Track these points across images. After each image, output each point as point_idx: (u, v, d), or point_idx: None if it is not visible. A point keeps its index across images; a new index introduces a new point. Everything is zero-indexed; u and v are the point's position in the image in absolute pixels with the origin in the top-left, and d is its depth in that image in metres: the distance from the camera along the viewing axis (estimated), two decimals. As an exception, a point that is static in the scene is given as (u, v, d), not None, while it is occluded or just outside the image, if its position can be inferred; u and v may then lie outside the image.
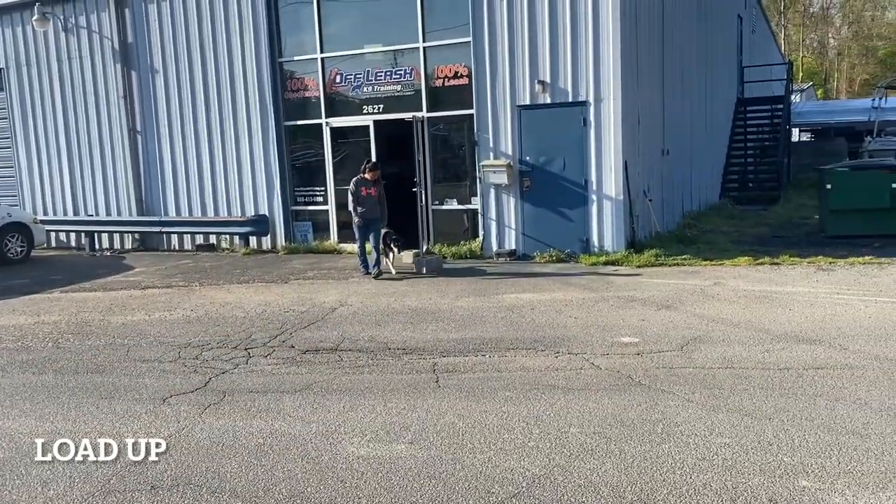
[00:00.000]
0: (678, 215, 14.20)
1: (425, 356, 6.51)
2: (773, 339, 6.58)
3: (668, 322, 7.33)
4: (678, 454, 4.26)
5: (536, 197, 11.40)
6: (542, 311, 8.05)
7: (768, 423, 4.64)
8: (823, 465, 4.04)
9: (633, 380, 5.64)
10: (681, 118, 14.50)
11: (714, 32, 17.54)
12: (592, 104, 10.85)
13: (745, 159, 19.86)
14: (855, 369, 5.66)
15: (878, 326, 6.83)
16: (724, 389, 5.31)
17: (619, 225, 10.98)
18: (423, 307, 8.49)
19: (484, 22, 11.29)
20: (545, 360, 6.27)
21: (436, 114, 12.07)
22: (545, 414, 4.98)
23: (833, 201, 11.82)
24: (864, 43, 60.93)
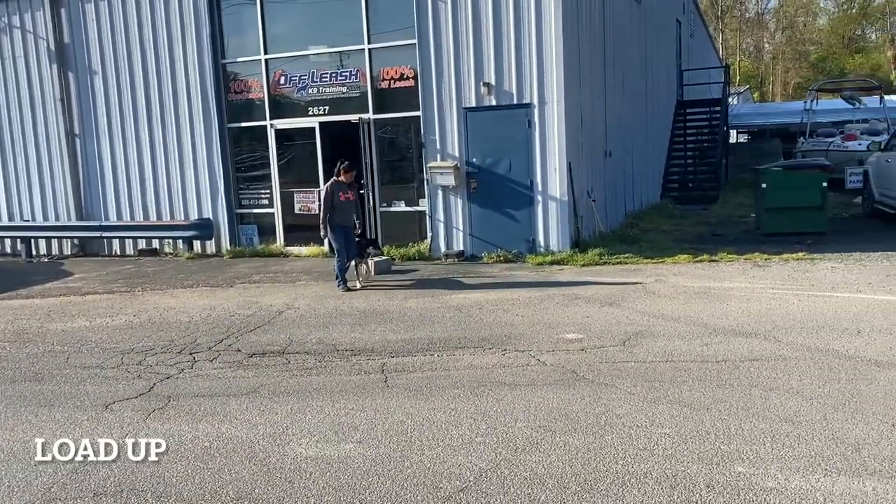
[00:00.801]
0: (621, 215, 14.51)
1: (374, 357, 6.52)
2: (711, 332, 6.80)
3: (611, 318, 7.50)
4: (620, 445, 4.38)
5: (483, 198, 11.51)
6: (490, 310, 8.15)
7: (706, 414, 4.81)
8: (758, 451, 4.21)
9: (577, 374, 5.77)
10: (623, 120, 14.81)
11: (654, 37, 17.98)
12: (537, 106, 11.02)
13: (686, 160, 20.40)
14: (788, 360, 5.89)
15: (810, 319, 7.12)
16: (665, 382, 5.47)
17: (563, 225, 11.17)
18: (371, 309, 8.49)
19: (429, 24, 11.36)
20: (493, 358, 6.35)
21: (382, 115, 12.08)
22: (492, 410, 5.06)
23: (768, 200, 12.24)
24: (797, 47, 63.19)
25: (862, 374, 5.47)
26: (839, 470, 3.94)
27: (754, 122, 29.10)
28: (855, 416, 4.66)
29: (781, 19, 65.28)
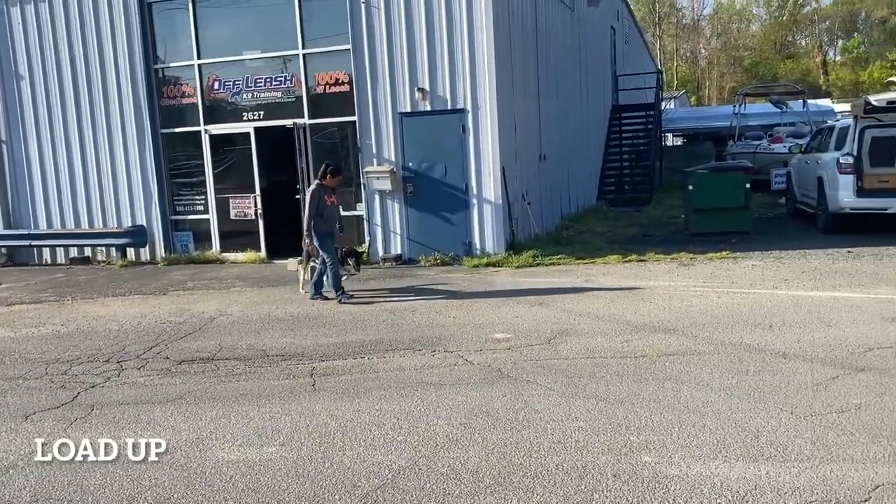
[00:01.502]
0: (556, 217, 14.80)
1: (304, 361, 6.56)
2: (632, 329, 7.05)
3: (539, 318, 7.70)
4: (536, 439, 4.54)
5: (420, 202, 11.63)
6: (423, 312, 8.26)
7: (620, 407, 5.01)
8: (664, 441, 4.42)
9: (502, 373, 5.92)
10: (557, 125, 15.13)
11: (589, 43, 18.39)
12: (470, 111, 11.20)
13: (621, 163, 20.89)
14: (702, 354, 6.16)
15: (727, 315, 7.44)
16: (584, 378, 5.67)
17: (498, 228, 11.36)
18: (305, 314, 8.52)
19: (363, 30, 11.44)
20: (422, 359, 6.46)
21: (318, 120, 12.11)
22: (416, 409, 5.17)
23: (695, 201, 12.67)
24: (732, 53, 65.25)
25: (769, 365, 5.77)
26: (738, 456, 4.17)
27: (689, 126, 29.96)
28: (758, 405, 4.92)
29: (716, 25, 67.35)
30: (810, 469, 3.95)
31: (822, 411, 4.74)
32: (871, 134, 11.36)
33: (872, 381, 5.26)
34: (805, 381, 5.34)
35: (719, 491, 3.77)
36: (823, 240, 11.63)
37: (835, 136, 12.42)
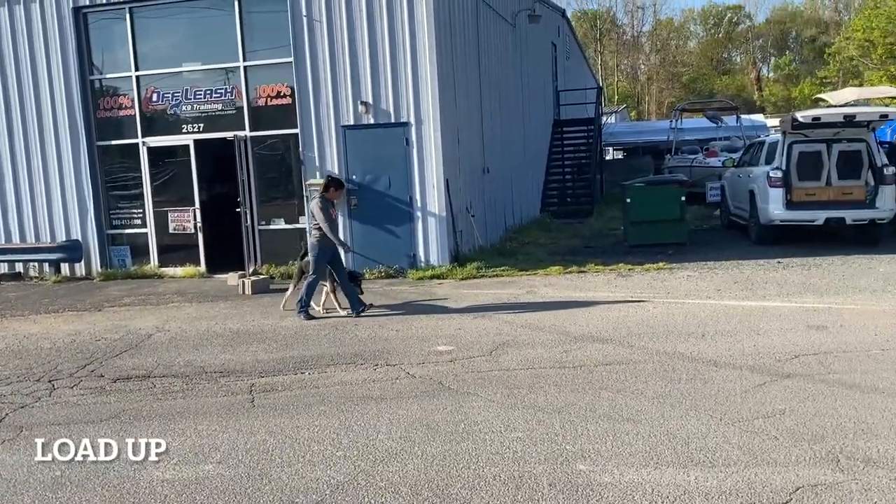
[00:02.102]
0: (500, 229, 14.96)
1: (243, 378, 6.49)
2: (571, 340, 7.18)
3: (482, 329, 7.77)
4: (475, 450, 4.59)
5: (364, 215, 11.62)
6: (366, 326, 8.25)
7: (557, 417, 5.10)
8: (599, 449, 4.52)
9: (443, 385, 5.96)
10: (500, 138, 15.32)
11: (530, 59, 18.70)
12: (414, 125, 11.27)
13: (564, 176, 21.25)
14: (637, 364, 6.32)
15: (662, 324, 7.64)
16: (523, 388, 5.75)
17: (443, 240, 11.43)
18: (245, 329, 8.41)
19: (305, 43, 11.42)
20: (363, 373, 6.46)
21: (259, 133, 12.01)
22: (356, 424, 5.17)
23: (633, 214, 12.98)
24: (670, 69, 67.11)
25: (701, 374, 5.95)
26: (669, 462, 4.29)
27: (628, 140, 30.65)
28: (689, 412, 5.07)
29: (655, 42, 69.22)
30: (737, 473, 4.09)
31: (749, 417, 4.92)
32: (798, 149, 11.84)
33: (797, 388, 5.48)
34: (734, 388, 5.53)
35: (650, 497, 3.88)
36: (755, 250, 12.05)
37: (765, 151, 12.91)
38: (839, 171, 11.73)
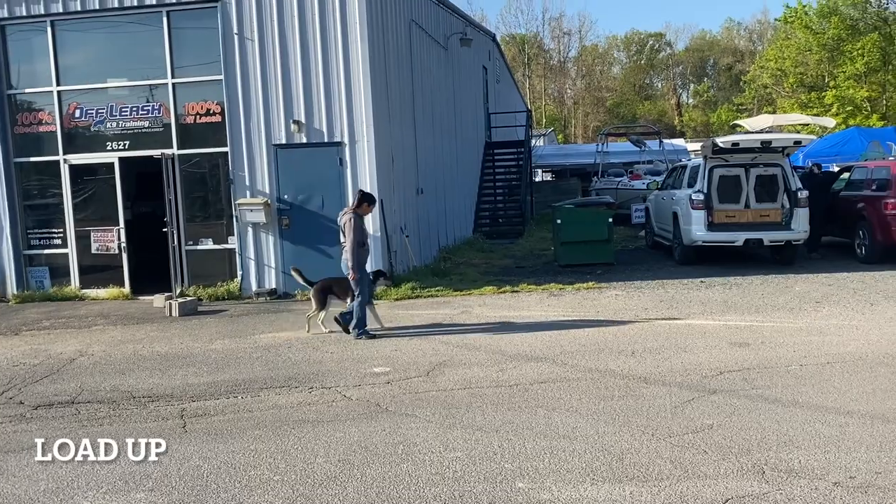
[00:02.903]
0: (434, 250, 15.02)
1: (173, 402, 6.30)
2: (507, 359, 7.27)
3: (418, 350, 7.78)
4: (415, 471, 4.58)
5: (296, 235, 11.49)
6: (299, 348, 8.14)
7: (496, 435, 5.15)
8: (537, 467, 4.59)
9: (381, 407, 5.94)
10: (434, 159, 15.44)
11: (462, 81, 18.96)
12: (347, 144, 11.25)
13: (496, 197, 21.54)
14: (571, 381, 6.44)
15: (594, 343, 7.82)
16: (461, 408, 5.78)
17: (377, 261, 11.35)
18: (173, 352, 8.18)
19: (235, 60, 11.29)
20: (298, 396, 6.37)
21: (188, 151, 11.75)
22: (293, 448, 5.09)
23: (563, 235, 13.27)
24: (595, 94, 69.11)
25: (632, 390, 6.12)
26: (604, 478, 4.39)
27: (557, 163, 31.37)
28: (622, 428, 5.20)
29: (581, 67, 71.20)
30: (669, 487, 4.22)
31: (679, 432, 5.08)
32: (718, 173, 12.37)
33: (723, 403, 5.69)
34: (664, 404, 5.70)
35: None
36: (679, 271, 12.49)
37: (687, 174, 13.42)
38: (757, 194, 12.31)
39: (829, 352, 7.04)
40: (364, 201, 8.71)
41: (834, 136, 24.84)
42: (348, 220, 8.45)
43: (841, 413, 5.35)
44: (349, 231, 8.35)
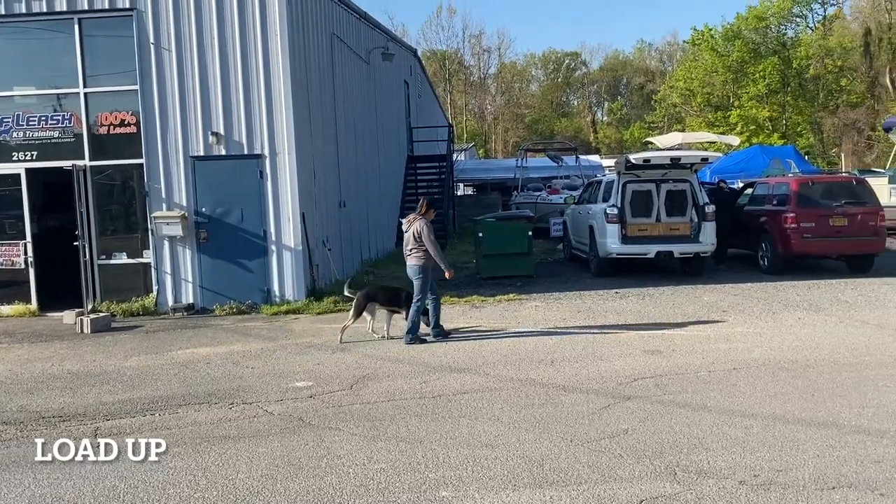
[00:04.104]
0: (357, 263, 14.99)
1: (86, 422, 6.08)
2: (430, 371, 7.34)
3: (341, 364, 7.76)
4: (339, 484, 4.59)
5: (215, 248, 11.27)
6: (219, 364, 7.99)
7: (419, 446, 5.21)
8: (461, 476, 4.67)
9: (304, 421, 5.90)
10: (357, 172, 15.44)
11: (384, 96, 19.03)
12: (268, 157, 11.13)
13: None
14: (493, 391, 6.57)
15: (515, 353, 7.99)
16: (385, 420, 5.82)
17: (299, 274, 11.30)
18: (85, 370, 7.88)
19: (152, 71, 11.03)
20: (219, 413, 6.25)
21: (101, 162, 11.38)
22: (214, 464, 5.00)
23: (484, 248, 13.48)
24: (515, 110, 70.46)
25: (552, 398, 6.29)
26: (526, 484, 4.51)
27: (478, 177, 31.79)
28: (542, 435, 5.35)
29: (501, 84, 72.49)
30: (587, 490, 4.38)
31: (596, 437, 5.27)
32: (631, 188, 12.84)
33: (637, 408, 5.93)
34: (582, 410, 5.89)
35: (510, 518, 4.06)
36: (595, 282, 12.88)
37: (602, 189, 13.88)
38: (667, 208, 12.84)
39: (735, 358, 7.43)
40: (431, 207, 9.07)
41: (739, 153, 26.19)
42: (422, 226, 8.64)
43: (746, 416, 5.66)
44: (428, 235, 8.56)
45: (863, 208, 12.75)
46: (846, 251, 13.02)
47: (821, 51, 47.12)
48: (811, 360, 7.27)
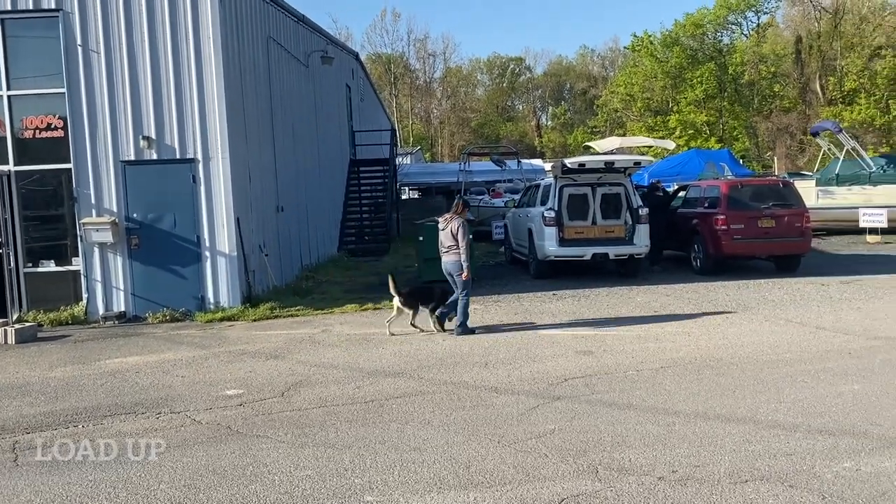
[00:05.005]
0: (297, 268, 14.85)
1: (5, 435, 5.88)
2: (365, 376, 7.32)
3: (273, 371, 7.67)
4: (263, 492, 4.53)
5: (147, 255, 11.03)
6: (148, 373, 7.82)
7: (347, 452, 5.18)
8: (387, 480, 4.67)
9: (231, 430, 5.82)
10: (296, 176, 15.29)
11: (324, 99, 18.90)
12: (201, 161, 10.96)
13: (361, 214, 21.56)
14: (426, 395, 6.58)
15: (450, 356, 8.02)
16: (315, 427, 5.77)
17: (234, 281, 11.14)
18: (7, 382, 7.62)
19: (80, 73, 10.76)
20: (145, 423, 6.12)
21: (27, 167, 11.05)
22: (135, 475, 4.89)
23: (425, 251, 13.48)
24: (460, 114, 70.85)
25: (483, 400, 6.34)
26: (451, 486, 4.53)
27: (423, 181, 31.86)
28: (471, 437, 5.39)
29: (447, 88, 72.80)
30: (511, 491, 4.42)
31: (523, 438, 5.33)
32: (568, 191, 13.05)
33: (565, 408, 6.02)
34: (511, 411, 5.96)
35: (433, 520, 4.08)
36: (534, 284, 13.03)
37: (540, 193, 14.06)
38: (603, 211, 13.09)
39: (663, 357, 7.61)
40: (466, 206, 9.71)
41: (675, 157, 26.89)
42: (459, 225, 9.19)
43: (669, 413, 5.80)
44: (463, 234, 9.11)
45: (790, 210, 13.22)
46: (774, 252, 13.47)
47: (755, 57, 48.76)
48: (735, 357, 7.50)
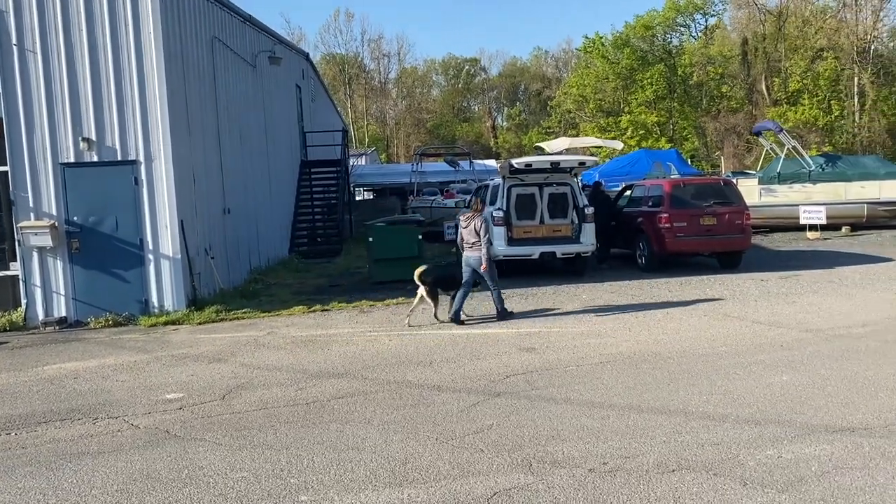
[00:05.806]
0: (245, 271, 14.69)
1: (-69, 445, 5.72)
2: (308, 377, 7.30)
3: (216, 374, 7.60)
4: (197, 495, 4.51)
5: (88, 259, 10.82)
6: (87, 378, 7.68)
7: (285, 452, 5.18)
8: (322, 479, 4.68)
9: (169, 434, 5.76)
10: (244, 178, 15.13)
11: (273, 100, 18.72)
12: (143, 163, 10.79)
13: (313, 216, 21.41)
14: (369, 394, 6.61)
15: (395, 356, 8.05)
16: (254, 429, 5.75)
17: (178, 284, 10.98)
18: (-63, 390, 7.40)
19: (15, 73, 10.50)
20: (80, 429, 6.02)
21: (-40, 171, 10.72)
22: (68, 482, 4.82)
23: (375, 252, 13.52)
24: (416, 115, 70.86)
25: (425, 398, 6.38)
26: (386, 484, 4.57)
27: (377, 182, 31.81)
28: (410, 435, 5.43)
29: (402, 89, 72.77)
30: (445, 486, 4.48)
31: (461, 434, 5.39)
32: (516, 191, 13.18)
33: (505, 404, 6.10)
34: (452, 409, 6.02)
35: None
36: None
37: (489, 193, 14.17)
38: (550, 211, 13.25)
39: (603, 352, 7.76)
40: (483, 203, 10.41)
41: (625, 157, 27.32)
42: (482, 221, 9.66)
43: (605, 407, 5.93)
44: (485, 231, 9.61)
45: (730, 208, 13.56)
46: (716, 248, 13.81)
47: (703, 59, 49.85)
48: (672, 351, 7.68)
